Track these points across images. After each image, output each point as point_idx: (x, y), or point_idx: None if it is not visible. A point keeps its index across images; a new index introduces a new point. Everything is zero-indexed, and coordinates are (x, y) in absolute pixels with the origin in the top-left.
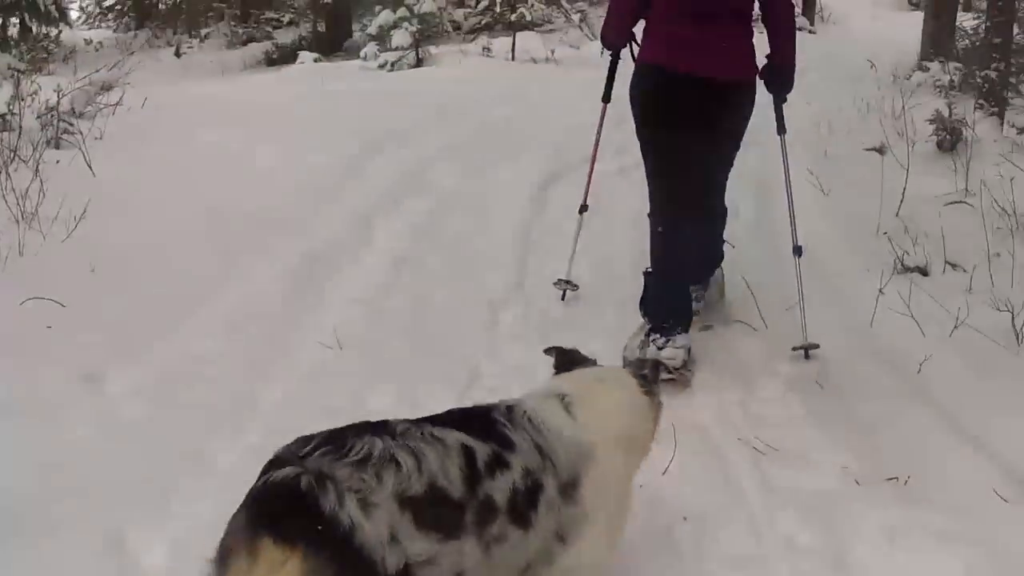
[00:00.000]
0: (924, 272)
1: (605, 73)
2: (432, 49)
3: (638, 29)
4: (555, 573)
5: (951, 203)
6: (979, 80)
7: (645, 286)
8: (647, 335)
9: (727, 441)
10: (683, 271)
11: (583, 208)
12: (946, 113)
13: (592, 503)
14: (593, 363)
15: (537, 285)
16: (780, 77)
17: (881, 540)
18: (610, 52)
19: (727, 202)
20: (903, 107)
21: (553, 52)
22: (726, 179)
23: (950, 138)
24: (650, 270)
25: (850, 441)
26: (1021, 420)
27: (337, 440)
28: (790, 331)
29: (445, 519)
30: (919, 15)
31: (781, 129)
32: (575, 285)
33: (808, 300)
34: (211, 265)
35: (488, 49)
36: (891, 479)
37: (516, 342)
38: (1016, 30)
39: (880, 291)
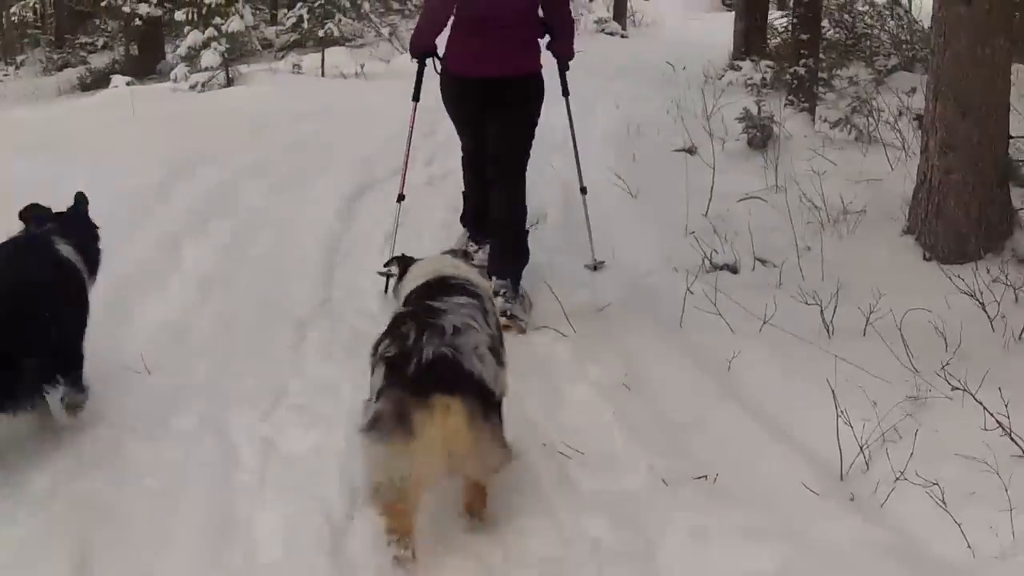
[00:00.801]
0: (733, 270)
1: (414, 78)
2: (243, 68)
3: (440, 41)
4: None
5: (743, 199)
6: (788, 77)
7: (464, 207)
8: (466, 238)
9: (532, 447)
10: (484, 198)
11: (400, 197)
12: (755, 111)
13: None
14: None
15: (345, 300)
16: (560, 43)
17: (689, 539)
18: (417, 60)
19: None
20: (713, 107)
21: (363, 67)
22: (526, 160)
23: (760, 135)
24: (464, 192)
25: (658, 442)
26: (829, 413)
27: (432, 327)
28: (598, 336)
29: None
30: (732, 15)
31: (565, 92)
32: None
33: (617, 302)
34: None
35: (298, 66)
36: (700, 478)
37: (323, 359)
38: (827, 26)
39: (688, 290)
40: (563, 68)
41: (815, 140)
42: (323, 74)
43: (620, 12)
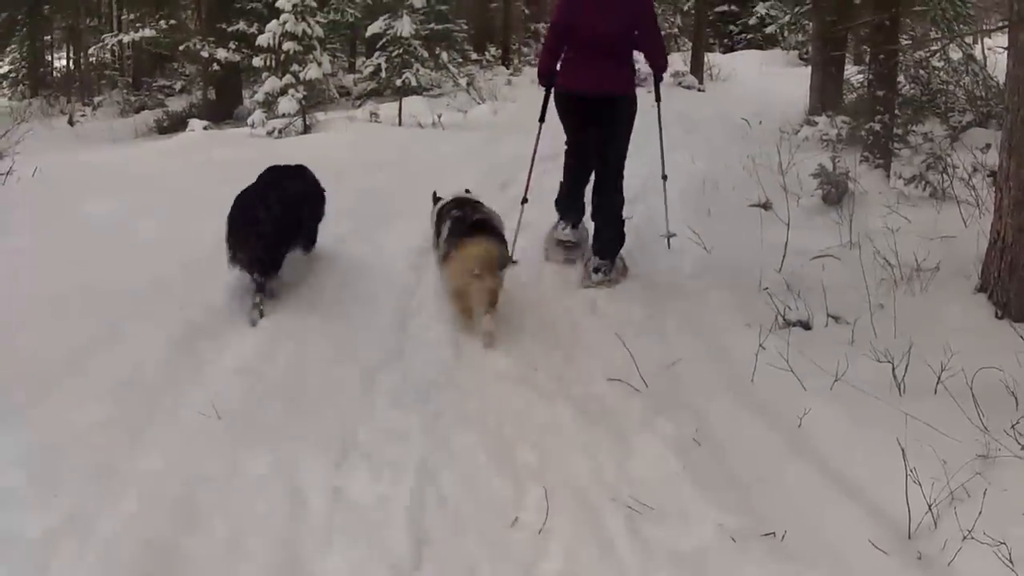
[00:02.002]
0: (806, 326)
1: (541, 102)
2: (320, 115)
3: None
4: None
5: (816, 257)
6: (864, 133)
7: (559, 195)
8: (557, 223)
9: (601, 500)
10: (580, 188)
11: (524, 200)
12: (830, 167)
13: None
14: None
15: (416, 350)
16: (656, 61)
17: None
18: (544, 86)
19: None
20: (789, 162)
21: (440, 117)
22: (623, 161)
23: (835, 191)
24: (563, 180)
25: (727, 498)
26: (899, 471)
27: (475, 207)
28: (669, 390)
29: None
30: (808, 71)
31: (657, 99)
32: (515, 261)
33: (689, 357)
34: (89, 334)
35: (375, 115)
36: (768, 535)
37: (393, 407)
38: (902, 82)
39: (761, 346)
40: (657, 79)
41: (890, 196)
42: (400, 123)
43: (697, 66)
